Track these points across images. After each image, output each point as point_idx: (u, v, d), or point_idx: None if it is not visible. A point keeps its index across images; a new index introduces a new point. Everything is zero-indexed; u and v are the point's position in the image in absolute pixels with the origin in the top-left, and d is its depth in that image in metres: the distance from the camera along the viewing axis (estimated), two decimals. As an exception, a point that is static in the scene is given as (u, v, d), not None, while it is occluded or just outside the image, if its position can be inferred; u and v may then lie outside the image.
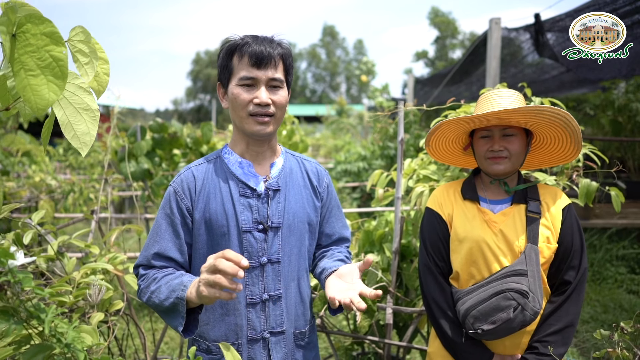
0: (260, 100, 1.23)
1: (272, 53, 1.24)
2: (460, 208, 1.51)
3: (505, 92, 1.47)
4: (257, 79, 1.24)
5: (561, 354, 1.34)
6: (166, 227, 1.28)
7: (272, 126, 1.28)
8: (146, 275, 1.25)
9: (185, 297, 1.09)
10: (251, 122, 1.25)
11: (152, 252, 1.26)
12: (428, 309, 1.49)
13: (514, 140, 1.40)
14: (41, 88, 0.86)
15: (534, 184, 1.50)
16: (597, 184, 2.04)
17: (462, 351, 1.39)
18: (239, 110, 1.26)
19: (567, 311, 1.37)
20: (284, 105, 1.29)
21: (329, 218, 1.47)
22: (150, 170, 3.51)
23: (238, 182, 1.30)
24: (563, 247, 1.41)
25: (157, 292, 1.18)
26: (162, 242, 1.26)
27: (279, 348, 1.32)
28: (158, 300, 1.17)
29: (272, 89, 1.26)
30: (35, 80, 0.86)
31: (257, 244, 1.29)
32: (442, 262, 1.49)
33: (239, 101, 1.24)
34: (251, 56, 1.22)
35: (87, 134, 0.95)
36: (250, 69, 1.23)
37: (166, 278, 1.21)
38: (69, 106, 0.94)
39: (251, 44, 1.23)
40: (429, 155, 1.71)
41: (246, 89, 1.24)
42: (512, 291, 1.31)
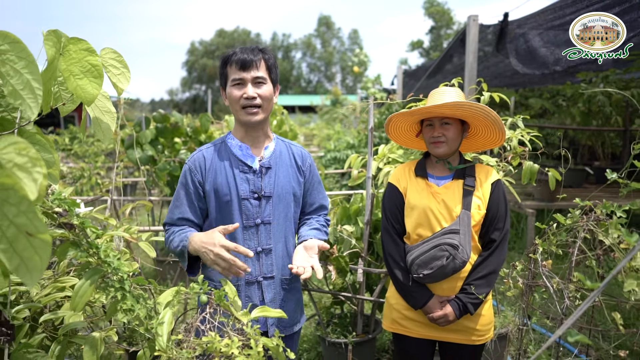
0: (247, 94, 1.62)
1: (254, 58, 1.62)
2: (413, 183, 1.89)
3: (448, 90, 1.85)
4: (244, 79, 1.62)
5: (485, 292, 1.72)
6: (184, 196, 1.68)
7: (261, 115, 1.67)
8: (169, 230, 1.69)
9: (187, 249, 1.54)
10: (243, 113, 1.64)
11: (175, 216, 1.69)
12: (386, 261, 1.88)
13: (450, 128, 1.78)
14: (87, 87, 1.22)
15: (472, 164, 1.88)
16: (538, 166, 2.43)
17: (409, 291, 1.78)
18: (234, 105, 1.64)
19: (491, 262, 1.76)
20: (268, 97, 1.67)
21: (312, 191, 1.85)
22: (154, 157, 3.87)
23: (238, 161, 1.69)
24: (490, 213, 1.79)
25: (172, 242, 1.62)
26: (181, 207, 1.68)
27: (269, 289, 1.71)
28: (172, 247, 1.62)
29: (257, 85, 1.65)
30: (81, 82, 1.22)
31: (252, 208, 1.67)
32: (398, 224, 1.88)
33: (232, 97, 1.63)
34: (237, 62, 1.62)
35: (108, 129, 1.31)
36: (238, 72, 1.62)
37: (178, 232, 1.64)
38: (97, 109, 1.31)
39: (237, 54, 1.63)
40: (392, 140, 2.09)
41: (237, 88, 1.63)
42: (446, 245, 1.69)
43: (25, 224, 0.70)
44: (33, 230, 0.70)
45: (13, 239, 0.71)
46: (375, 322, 2.76)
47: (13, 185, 0.69)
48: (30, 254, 0.72)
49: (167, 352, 1.19)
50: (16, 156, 0.72)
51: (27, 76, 0.99)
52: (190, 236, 1.56)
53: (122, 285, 1.23)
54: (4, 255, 0.71)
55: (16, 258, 0.72)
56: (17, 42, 0.98)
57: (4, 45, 0.97)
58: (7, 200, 0.70)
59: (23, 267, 0.72)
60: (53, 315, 1.66)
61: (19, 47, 0.98)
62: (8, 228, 0.70)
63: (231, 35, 51.52)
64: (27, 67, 0.98)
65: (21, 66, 0.99)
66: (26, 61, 0.99)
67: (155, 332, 1.20)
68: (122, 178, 5.56)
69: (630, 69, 5.99)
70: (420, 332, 1.82)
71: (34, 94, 0.99)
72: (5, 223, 0.70)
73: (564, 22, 4.15)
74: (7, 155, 0.73)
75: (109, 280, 1.24)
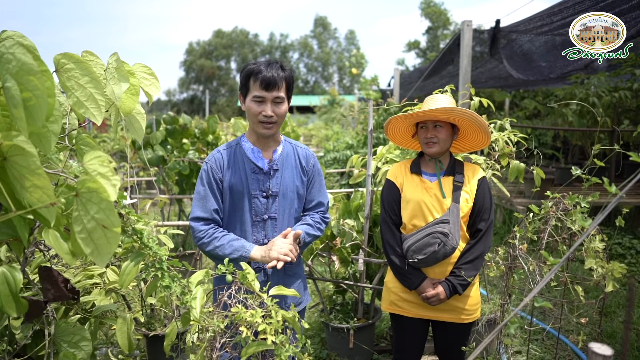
0: (266, 114, 1.81)
1: (277, 78, 1.79)
2: (408, 179, 2.11)
3: (440, 96, 2.07)
4: (266, 98, 1.81)
5: (472, 275, 1.95)
6: (209, 191, 1.86)
7: (274, 129, 1.88)
8: (206, 231, 1.82)
9: (249, 256, 1.79)
10: (260, 127, 1.84)
11: (210, 208, 1.84)
12: (384, 248, 2.10)
13: (442, 130, 2.00)
14: (126, 101, 1.42)
15: (461, 163, 2.11)
16: (524, 164, 2.66)
17: (405, 274, 2.01)
18: (252, 118, 1.85)
19: (478, 248, 1.98)
20: (283, 115, 1.87)
21: (312, 189, 2.07)
22: (165, 157, 4.08)
23: (250, 163, 1.90)
24: (477, 205, 2.02)
25: (222, 248, 1.78)
26: (210, 200, 1.85)
27: (274, 276, 1.93)
28: (222, 253, 1.77)
29: (276, 104, 1.84)
30: (123, 97, 1.42)
31: (261, 205, 1.89)
32: (395, 216, 2.10)
33: (252, 112, 1.83)
34: (262, 81, 1.78)
35: (140, 129, 1.52)
36: (260, 90, 1.80)
37: (226, 238, 1.81)
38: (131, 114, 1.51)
39: (263, 71, 1.79)
40: (389, 139, 2.31)
41: (257, 104, 1.82)
42: (438, 233, 1.92)
43: (103, 219, 0.92)
44: (109, 224, 0.92)
45: (92, 230, 0.92)
46: (375, 309, 2.98)
47: (97, 189, 0.90)
48: (103, 242, 0.93)
49: (200, 321, 1.40)
50: (99, 166, 0.94)
51: (91, 90, 1.20)
52: (249, 245, 1.81)
53: (161, 265, 1.44)
54: (82, 242, 0.93)
55: (92, 245, 0.93)
56: (80, 62, 1.18)
57: (69, 64, 1.18)
58: (90, 199, 0.92)
59: (96, 252, 0.93)
60: (90, 298, 1.88)
61: (82, 66, 1.18)
62: (89, 222, 0.91)
63: (229, 36, 51.69)
64: (91, 82, 1.19)
65: (85, 81, 1.19)
66: (89, 77, 1.19)
67: (190, 306, 1.41)
68: (130, 178, 5.77)
69: (619, 71, 6.23)
70: (415, 312, 2.05)
71: (97, 105, 1.20)
72: (87, 217, 0.92)
73: (552, 28, 4.39)
74: (92, 165, 0.94)
75: (148, 262, 1.46)
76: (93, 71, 1.20)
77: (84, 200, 0.90)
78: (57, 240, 1.10)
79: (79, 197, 0.90)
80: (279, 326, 1.39)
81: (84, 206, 0.90)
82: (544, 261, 1.52)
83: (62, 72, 1.11)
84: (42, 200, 0.87)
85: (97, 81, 1.21)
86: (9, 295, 1.08)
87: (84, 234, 0.92)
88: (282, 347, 1.31)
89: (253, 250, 1.80)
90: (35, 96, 0.87)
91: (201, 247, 1.84)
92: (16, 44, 0.87)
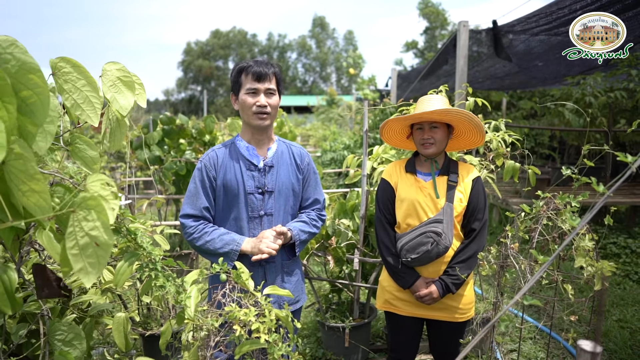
0: (260, 103, 1.86)
1: (268, 72, 1.87)
2: (403, 178, 2.12)
3: (434, 97, 2.09)
4: (258, 89, 1.86)
5: (466, 274, 1.96)
6: (200, 188, 1.89)
7: (269, 120, 1.91)
8: (196, 227, 1.85)
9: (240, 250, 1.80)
10: (255, 118, 1.87)
11: (200, 206, 1.87)
12: (379, 247, 2.12)
13: (438, 131, 2.02)
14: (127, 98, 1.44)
15: (456, 162, 2.12)
16: (519, 164, 2.68)
17: (399, 273, 2.02)
18: (247, 110, 1.87)
19: (471, 247, 1.99)
20: (276, 106, 1.93)
21: (308, 187, 2.08)
22: (162, 157, 4.09)
23: (245, 160, 1.92)
24: (471, 205, 2.03)
25: (212, 242, 1.81)
26: (200, 198, 1.88)
27: (271, 272, 1.94)
28: (213, 247, 1.80)
29: (269, 95, 1.89)
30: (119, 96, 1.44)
31: (257, 202, 1.90)
32: (389, 215, 2.11)
33: (247, 104, 1.86)
34: (254, 74, 1.85)
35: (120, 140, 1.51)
36: (253, 82, 1.86)
37: (216, 232, 1.84)
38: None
39: (253, 66, 1.86)
40: (385, 141, 2.32)
41: (251, 96, 1.86)
42: (431, 232, 1.93)
43: (98, 236, 0.90)
44: (102, 242, 0.90)
45: (84, 246, 0.89)
46: (371, 309, 2.99)
47: (95, 207, 0.90)
48: (93, 260, 0.91)
49: (195, 320, 1.42)
50: (100, 189, 0.95)
51: (87, 93, 1.21)
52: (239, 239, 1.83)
53: (155, 266, 1.46)
54: (72, 258, 0.90)
55: (81, 262, 0.90)
56: (77, 66, 1.19)
57: (67, 68, 1.19)
58: (86, 217, 0.91)
59: (84, 271, 0.90)
60: (86, 298, 1.89)
61: (79, 69, 1.19)
62: (82, 238, 0.90)
63: (227, 36, 51.66)
64: (88, 86, 1.20)
65: (81, 84, 1.20)
66: (85, 81, 1.20)
67: (185, 304, 1.42)
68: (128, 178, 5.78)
69: (615, 72, 6.26)
70: (409, 310, 2.06)
71: (93, 107, 1.22)
72: (81, 234, 0.91)
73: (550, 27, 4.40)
74: (94, 187, 0.95)
75: (143, 262, 1.47)
76: (89, 75, 1.22)
77: (80, 217, 0.88)
78: (50, 242, 1.11)
79: (75, 213, 0.89)
80: (272, 325, 1.40)
81: (79, 222, 0.89)
82: (535, 260, 1.54)
83: (59, 75, 1.13)
84: (38, 204, 0.87)
85: (93, 84, 1.22)
86: (3, 293, 1.09)
87: (75, 250, 0.89)
88: (275, 346, 1.33)
89: (244, 243, 1.82)
90: (37, 94, 0.88)
91: (191, 242, 1.87)
92: (13, 44, 0.88)
